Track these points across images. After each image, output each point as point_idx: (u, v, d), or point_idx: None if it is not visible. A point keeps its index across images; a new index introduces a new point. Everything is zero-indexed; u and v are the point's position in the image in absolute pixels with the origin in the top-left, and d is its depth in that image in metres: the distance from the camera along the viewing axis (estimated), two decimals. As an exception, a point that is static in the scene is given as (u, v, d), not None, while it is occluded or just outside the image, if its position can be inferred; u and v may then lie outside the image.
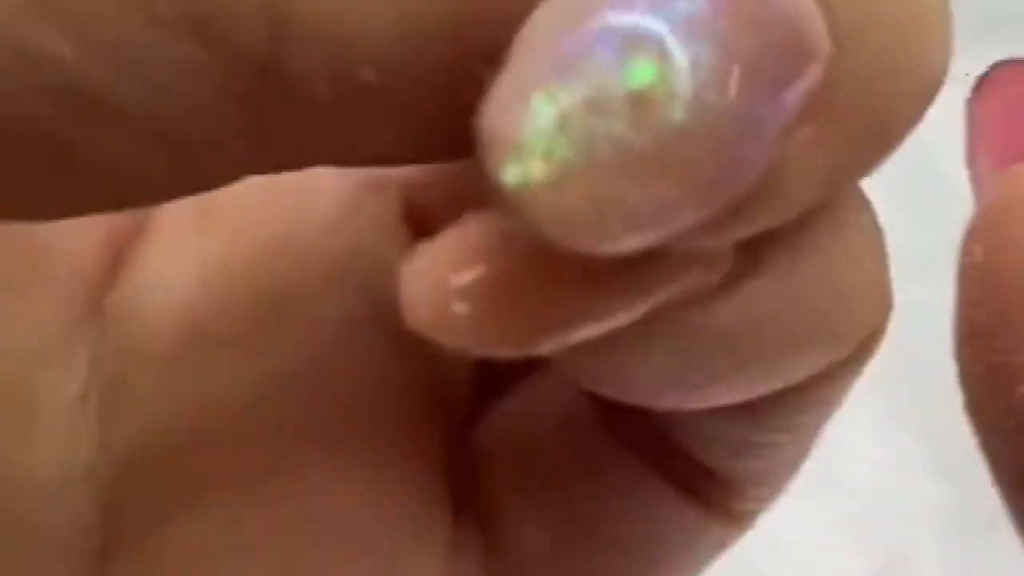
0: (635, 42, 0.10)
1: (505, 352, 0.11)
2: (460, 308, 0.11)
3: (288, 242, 0.16)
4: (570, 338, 0.11)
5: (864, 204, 0.14)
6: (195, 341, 0.15)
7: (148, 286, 0.16)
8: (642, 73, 0.10)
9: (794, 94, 0.10)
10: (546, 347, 0.11)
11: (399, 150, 0.12)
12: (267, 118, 0.11)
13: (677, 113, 0.10)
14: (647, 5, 0.10)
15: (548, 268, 0.11)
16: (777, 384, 0.14)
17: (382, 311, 0.16)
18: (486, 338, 0.11)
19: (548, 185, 0.10)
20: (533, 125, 0.10)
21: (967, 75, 0.16)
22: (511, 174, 0.10)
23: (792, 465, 0.17)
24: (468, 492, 0.17)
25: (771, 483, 0.17)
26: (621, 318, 0.11)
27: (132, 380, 0.15)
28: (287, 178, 0.12)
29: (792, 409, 0.15)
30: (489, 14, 0.11)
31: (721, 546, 0.18)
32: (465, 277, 0.11)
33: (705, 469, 0.16)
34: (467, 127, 0.10)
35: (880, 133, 0.12)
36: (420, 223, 0.16)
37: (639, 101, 0.10)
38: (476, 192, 0.11)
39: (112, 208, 0.12)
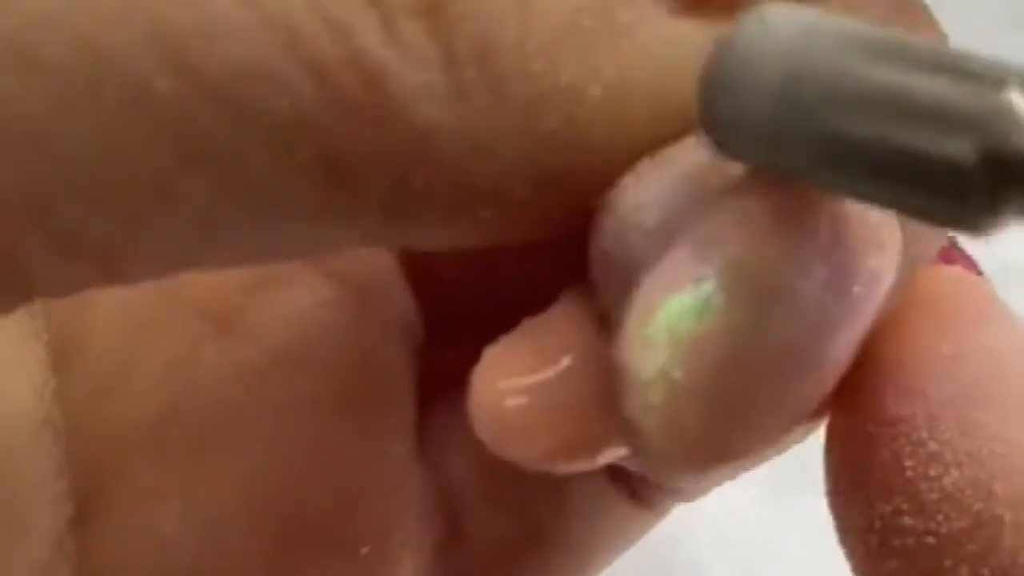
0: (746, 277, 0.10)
1: (562, 465, 0.11)
2: (519, 401, 0.11)
3: None
4: (619, 453, 0.11)
5: None
6: (154, 298, 0.16)
7: None
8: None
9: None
10: (603, 460, 0.11)
11: (493, 246, 0.13)
12: (380, 240, 0.12)
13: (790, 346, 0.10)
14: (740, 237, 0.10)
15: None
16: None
17: (351, 294, 0.16)
18: (545, 443, 0.11)
19: (666, 429, 0.10)
20: (658, 371, 0.10)
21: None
22: (635, 412, 0.10)
23: (723, 480, 0.18)
24: (436, 492, 0.17)
25: (700, 491, 0.18)
26: None
27: (83, 323, 0.15)
28: None
29: None
30: (599, 166, 0.11)
31: (645, 531, 0.18)
32: (529, 379, 0.11)
33: (642, 477, 0.17)
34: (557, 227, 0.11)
35: None
36: None
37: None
38: None
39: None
